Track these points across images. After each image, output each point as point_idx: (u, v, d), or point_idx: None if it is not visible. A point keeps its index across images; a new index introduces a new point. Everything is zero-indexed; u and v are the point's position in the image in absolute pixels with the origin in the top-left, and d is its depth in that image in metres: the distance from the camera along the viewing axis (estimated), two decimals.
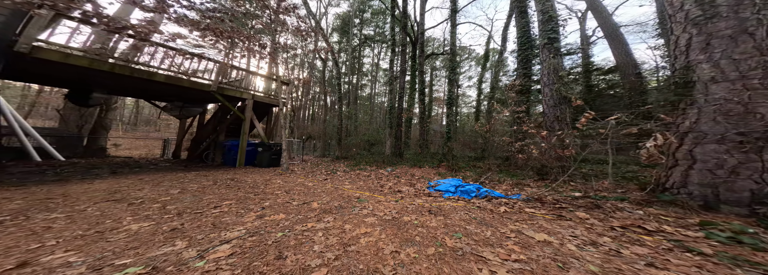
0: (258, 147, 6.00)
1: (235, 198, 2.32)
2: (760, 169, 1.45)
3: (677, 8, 1.85)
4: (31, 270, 0.99)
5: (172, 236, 1.35)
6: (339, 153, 8.81)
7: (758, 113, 1.48)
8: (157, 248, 1.19)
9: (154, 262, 1.05)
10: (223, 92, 5.38)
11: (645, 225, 1.45)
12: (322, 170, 5.13)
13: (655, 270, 1.01)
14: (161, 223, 1.56)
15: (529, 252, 1.16)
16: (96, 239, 1.31)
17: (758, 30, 1.53)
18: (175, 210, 1.87)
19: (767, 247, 1.16)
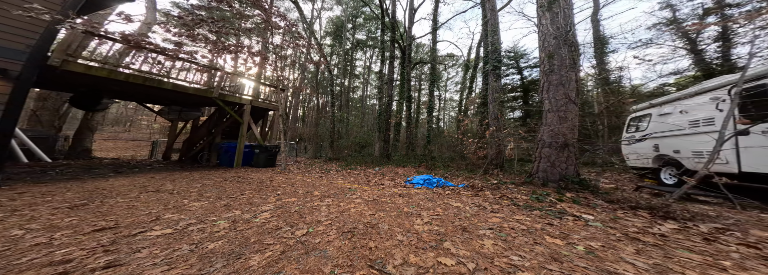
0: (255, 148, 6.49)
1: (251, 190, 2.97)
2: (564, 163, 2.61)
3: (542, 62, 2.95)
4: (163, 220, 1.66)
5: (226, 209, 2.05)
6: (331, 154, 9.35)
7: (561, 132, 2.61)
8: (224, 214, 1.89)
9: (229, 220, 1.76)
10: (224, 98, 5.87)
11: (509, 195, 2.49)
12: (317, 169, 5.79)
13: (492, 214, 1.95)
14: (213, 203, 2.23)
15: (445, 211, 2.05)
16: (180, 210, 1.96)
17: (568, 83, 2.65)
18: (213, 196, 2.52)
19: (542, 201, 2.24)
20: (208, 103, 6.78)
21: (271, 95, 7.38)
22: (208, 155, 7.10)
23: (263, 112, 7.66)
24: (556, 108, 2.63)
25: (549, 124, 2.67)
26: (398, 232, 1.54)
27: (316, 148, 12.33)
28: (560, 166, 2.60)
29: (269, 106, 7.16)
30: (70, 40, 3.48)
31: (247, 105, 6.32)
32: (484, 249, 1.28)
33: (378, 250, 1.27)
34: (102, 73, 3.79)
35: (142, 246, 1.28)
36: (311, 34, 10.32)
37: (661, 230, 1.61)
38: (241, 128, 6.23)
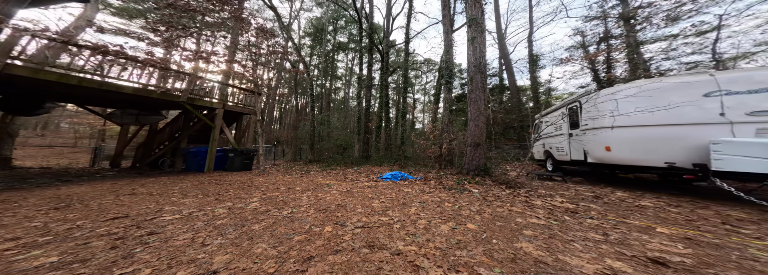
0: (228, 152, 6.46)
1: (235, 189, 3.32)
2: (478, 157, 3.80)
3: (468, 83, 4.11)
4: (167, 211, 2.04)
5: (218, 202, 2.47)
6: (311, 156, 9.46)
7: (476, 135, 3.81)
8: (218, 205, 2.33)
9: (225, 208, 2.23)
10: (193, 102, 5.76)
11: (444, 182, 3.52)
12: (297, 171, 6.11)
13: (426, 194, 2.86)
14: (202, 199, 2.60)
15: (397, 195, 2.86)
16: (175, 204, 2.31)
17: (480, 100, 3.85)
18: (199, 194, 2.84)
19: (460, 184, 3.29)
20: (174, 107, 6.47)
21: (247, 99, 7.35)
22: (172, 160, 6.72)
23: (237, 115, 7.54)
24: (473, 118, 3.76)
25: (469, 129, 3.77)
26: (359, 208, 2.26)
27: (296, 151, 12.17)
28: (476, 160, 3.72)
29: (245, 110, 7.13)
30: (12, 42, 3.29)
31: (219, 109, 6.27)
32: (409, 212, 2.10)
33: (342, 217, 1.97)
34: (52, 77, 3.61)
35: (164, 225, 1.72)
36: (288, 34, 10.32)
37: (502, 194, 2.71)
38: (213, 132, 6.16)
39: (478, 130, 3.78)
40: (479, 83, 3.92)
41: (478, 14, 4.38)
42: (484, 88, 3.94)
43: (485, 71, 4.17)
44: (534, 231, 1.59)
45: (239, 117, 7.83)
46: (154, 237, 1.48)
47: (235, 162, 6.38)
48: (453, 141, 4.80)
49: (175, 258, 1.21)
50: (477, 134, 3.82)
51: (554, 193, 2.81)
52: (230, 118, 7.59)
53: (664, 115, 2.43)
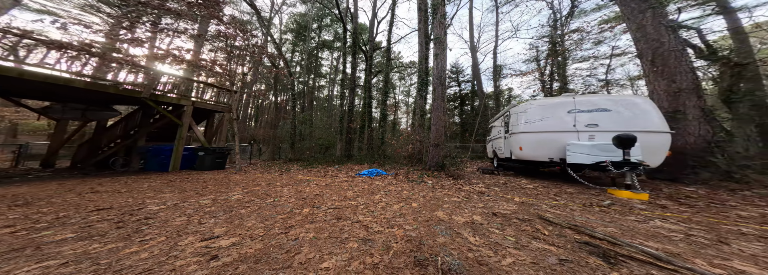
0: (198, 151, 6.20)
1: (211, 185, 3.46)
2: (438, 155, 4.70)
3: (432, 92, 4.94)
4: (150, 203, 2.21)
5: (199, 195, 2.67)
6: (292, 155, 9.34)
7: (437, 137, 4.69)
8: (200, 198, 2.55)
9: (209, 200, 2.48)
10: (157, 98, 5.43)
11: (410, 176, 4.23)
12: (276, 169, 6.19)
13: (392, 185, 3.50)
14: (181, 193, 2.76)
15: (368, 187, 3.43)
16: (155, 198, 2.45)
17: (440, 108, 4.73)
18: (176, 190, 2.96)
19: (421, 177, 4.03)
20: (130, 102, 5.95)
21: (220, 96, 7.06)
22: (126, 160, 6.14)
23: (209, 113, 7.18)
24: (435, 123, 4.56)
25: (432, 132, 4.55)
26: (334, 196, 2.74)
27: (274, 150, 11.74)
28: (436, 158, 4.52)
29: (217, 108, 6.85)
30: None
31: (188, 106, 5.98)
32: (374, 198, 2.66)
33: (318, 203, 2.43)
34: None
35: (155, 213, 1.96)
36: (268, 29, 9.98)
37: (447, 184, 3.50)
38: (180, 130, 5.87)
39: (439, 133, 4.58)
40: (440, 94, 4.74)
41: (441, 34, 5.22)
42: (444, 98, 4.78)
43: (445, 83, 5.02)
44: (449, 205, 2.31)
45: (211, 114, 7.46)
46: (152, 220, 1.75)
47: (205, 161, 6.16)
48: (422, 142, 5.58)
49: (179, 231, 1.55)
50: (437, 136, 4.63)
51: (480, 182, 3.71)
52: (200, 115, 7.21)
53: (547, 124, 3.51)
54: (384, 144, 9.62)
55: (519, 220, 1.82)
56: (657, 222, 1.87)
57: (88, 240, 1.35)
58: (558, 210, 2.14)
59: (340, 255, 1.21)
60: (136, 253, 1.22)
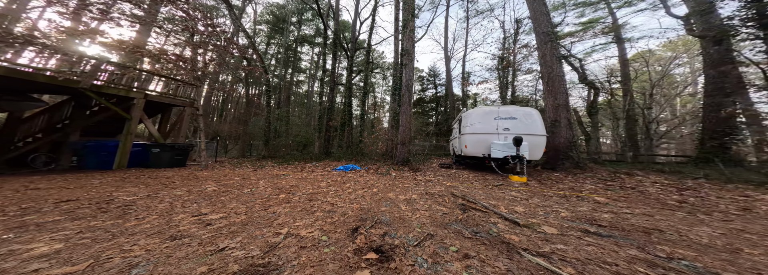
0: (151, 147, 5.68)
1: (179, 180, 3.47)
2: (404, 152, 5.60)
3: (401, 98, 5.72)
4: (121, 194, 2.29)
5: (170, 188, 2.78)
6: (266, 153, 8.99)
7: (403, 136, 5.56)
8: (174, 190, 2.68)
9: (183, 191, 2.64)
10: (100, 90, 4.83)
11: (379, 170, 4.94)
12: (248, 166, 6.09)
13: (362, 177, 4.11)
14: (150, 187, 2.80)
15: (341, 179, 3.96)
16: (121, 190, 2.49)
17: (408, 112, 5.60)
18: (140, 185, 2.95)
19: (389, 171, 4.79)
20: (60, 92, 5.10)
21: (181, 89, 6.48)
22: (50, 156, 5.25)
23: (165, 107, 6.51)
24: (403, 124, 5.34)
25: (399, 132, 5.31)
26: (309, 186, 3.18)
27: (244, 147, 10.94)
28: (402, 154, 5.30)
29: (176, 102, 6.29)
30: None
31: (139, 99, 5.43)
32: (344, 187, 3.20)
33: (293, 190, 2.85)
34: None
35: (132, 202, 2.12)
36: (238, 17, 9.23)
37: (407, 175, 4.31)
38: (129, 125, 5.32)
39: (405, 133, 5.37)
40: (407, 99, 5.53)
41: (410, 47, 6.00)
42: (410, 102, 5.61)
43: (411, 90, 5.85)
44: (401, 189, 3.05)
45: (167, 108, 6.78)
46: (133, 207, 1.95)
47: (160, 157, 5.72)
48: (393, 141, 6.32)
49: (167, 212, 1.83)
50: (404, 136, 5.41)
51: (433, 174, 4.63)
52: (155, 108, 6.51)
53: (482, 128, 4.63)
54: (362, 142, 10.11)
55: (439, 196, 2.63)
56: (512, 192, 2.92)
57: (83, 220, 1.55)
58: (466, 190, 3.06)
59: (309, 219, 1.74)
60: (138, 225, 1.52)
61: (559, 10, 14.04)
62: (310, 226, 1.58)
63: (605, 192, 2.98)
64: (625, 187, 3.15)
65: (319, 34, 17.78)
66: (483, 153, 4.53)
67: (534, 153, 4.24)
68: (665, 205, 2.38)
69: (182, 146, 6.04)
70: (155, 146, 5.66)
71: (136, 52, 5.01)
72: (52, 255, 1.07)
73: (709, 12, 5.18)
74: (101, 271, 0.95)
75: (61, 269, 0.96)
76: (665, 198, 2.64)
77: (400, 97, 5.73)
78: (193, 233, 1.41)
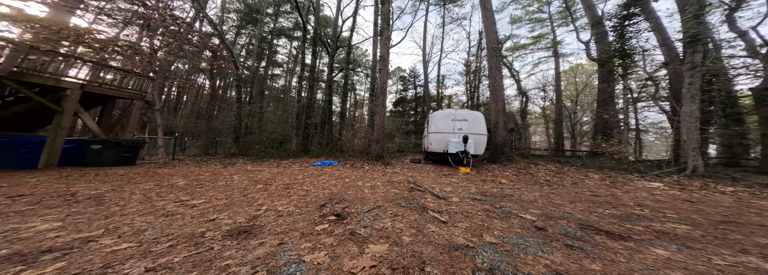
0: (89, 143, 5.02)
1: (140, 177, 3.36)
2: (378, 149, 6.29)
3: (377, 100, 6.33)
4: (80, 189, 2.26)
5: (134, 184, 2.78)
6: (236, 150, 8.50)
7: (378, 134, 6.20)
8: (139, 185, 2.71)
9: (153, 185, 2.70)
10: (21, 78, 4.09)
11: (355, 164, 5.48)
12: (216, 163, 5.84)
13: (338, 171, 4.57)
14: (109, 184, 2.74)
15: (318, 172, 4.35)
16: (83, 187, 2.42)
17: (382, 113, 6.20)
18: (93, 182, 2.83)
19: (364, 165, 5.40)
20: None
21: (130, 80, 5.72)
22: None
23: (107, 99, 5.68)
24: (378, 123, 5.94)
25: (374, 131, 5.89)
26: (285, 178, 3.49)
27: (208, 144, 9.92)
28: (376, 151, 5.92)
29: (121, 94, 5.56)
30: None
31: (73, 89, 4.72)
32: (320, 179, 3.61)
33: (270, 182, 3.15)
34: None
35: (100, 195, 2.17)
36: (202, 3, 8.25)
37: (377, 168, 4.96)
38: (59, 118, 4.64)
39: (380, 131, 5.98)
40: (381, 101, 6.12)
41: (385, 53, 6.56)
42: (384, 104, 6.25)
43: (386, 93, 6.47)
44: (369, 179, 3.63)
45: (110, 101, 5.94)
46: (106, 198, 2.05)
47: (102, 155, 5.13)
48: (368, 138, 6.85)
49: (147, 200, 2.02)
50: (379, 134, 6.01)
51: (401, 167, 5.37)
52: (94, 100, 5.65)
53: (442, 127, 5.58)
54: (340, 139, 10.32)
55: (398, 183, 3.30)
56: (453, 179, 3.81)
57: (60, 208, 1.67)
58: (421, 178, 3.83)
59: (285, 200, 2.17)
60: (123, 209, 1.73)
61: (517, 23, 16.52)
62: (286, 204, 2.02)
63: (512, 176, 4.11)
64: (527, 173, 4.37)
65: (299, 28, 16.81)
66: (443, 149, 5.45)
67: (478, 149, 5.35)
68: (536, 183, 3.52)
69: (131, 143, 5.48)
70: (95, 142, 5.03)
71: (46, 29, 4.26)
72: (58, 229, 1.30)
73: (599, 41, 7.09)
74: (117, 234, 1.26)
75: (78, 235, 1.23)
76: (541, 179, 3.85)
77: (376, 98, 6.29)
78: (182, 212, 1.72)
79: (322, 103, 11.06)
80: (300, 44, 17.14)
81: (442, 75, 18.36)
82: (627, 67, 6.10)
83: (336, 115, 11.63)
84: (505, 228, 1.50)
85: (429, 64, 17.70)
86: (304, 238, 1.26)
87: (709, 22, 4.62)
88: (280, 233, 1.34)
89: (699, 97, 4.13)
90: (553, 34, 14.44)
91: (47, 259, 0.96)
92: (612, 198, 2.63)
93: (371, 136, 6.76)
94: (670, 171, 3.94)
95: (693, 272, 1.01)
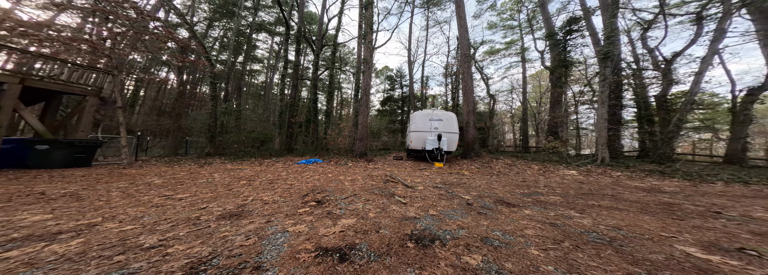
0: (34, 144, 4.50)
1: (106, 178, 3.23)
2: (362, 147, 6.69)
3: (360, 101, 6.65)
4: (50, 189, 2.20)
5: (105, 183, 2.73)
6: (211, 150, 8.07)
7: (362, 133, 6.56)
8: (114, 183, 2.67)
9: (127, 183, 2.69)
10: None
11: (340, 161, 5.76)
12: (190, 163, 5.59)
13: (322, 168, 4.83)
14: (74, 184, 2.65)
15: (301, 169, 4.53)
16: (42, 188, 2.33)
17: (366, 113, 6.63)
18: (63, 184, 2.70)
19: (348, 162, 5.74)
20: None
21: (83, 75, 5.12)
22: None
23: (55, 95, 5.03)
24: (361, 123, 6.28)
25: (359, 130, 6.21)
26: (269, 175, 3.65)
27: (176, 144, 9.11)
28: (360, 149, 6.26)
29: (71, 90, 4.98)
30: None
31: (10, 84, 4.17)
32: (304, 175, 3.83)
33: (254, 178, 3.30)
34: None
35: (73, 193, 2.17)
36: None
37: (360, 165, 5.34)
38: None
39: (363, 130, 6.33)
40: (365, 101, 6.45)
41: (368, 56, 6.85)
42: (368, 104, 6.60)
43: (369, 94, 6.81)
44: (350, 173, 3.99)
45: (57, 97, 5.28)
46: (82, 195, 2.08)
47: (50, 156, 4.66)
48: (353, 137, 7.14)
49: (128, 196, 2.10)
50: (362, 133, 6.36)
51: (383, 163, 5.80)
52: (38, 96, 4.98)
53: (421, 126, 6.13)
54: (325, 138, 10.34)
55: (376, 177, 3.70)
56: (425, 173, 4.37)
57: (38, 204, 1.71)
58: (397, 172, 4.29)
59: (270, 192, 2.42)
60: (108, 203, 1.83)
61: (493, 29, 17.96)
62: (271, 195, 2.27)
63: (475, 169, 4.82)
64: (488, 166, 5.14)
65: (282, 23, 15.93)
66: (422, 146, 6.02)
67: (451, 146, 6.03)
68: (490, 174, 4.24)
69: (86, 143, 5.02)
70: (41, 142, 4.53)
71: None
72: (53, 219, 1.42)
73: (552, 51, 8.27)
74: (117, 220, 1.44)
75: (77, 222, 1.38)
76: (495, 171, 4.61)
77: (359, 99, 6.59)
78: (171, 204, 1.88)
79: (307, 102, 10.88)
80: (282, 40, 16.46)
81: (426, 76, 19.23)
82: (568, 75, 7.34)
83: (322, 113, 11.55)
84: (446, 205, 1.98)
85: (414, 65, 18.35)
86: (288, 218, 1.58)
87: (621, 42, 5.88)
88: (267, 215, 1.63)
89: (607, 103, 5.29)
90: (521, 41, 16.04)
91: (64, 238, 1.15)
92: (533, 182, 3.38)
93: (356, 135, 7.07)
94: (587, 161, 5.03)
95: (533, 219, 1.59)
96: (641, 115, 7.63)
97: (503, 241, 1.21)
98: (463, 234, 1.30)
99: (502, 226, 1.45)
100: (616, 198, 2.38)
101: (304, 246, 1.12)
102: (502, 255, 1.06)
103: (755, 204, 2.30)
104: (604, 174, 3.95)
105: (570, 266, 0.97)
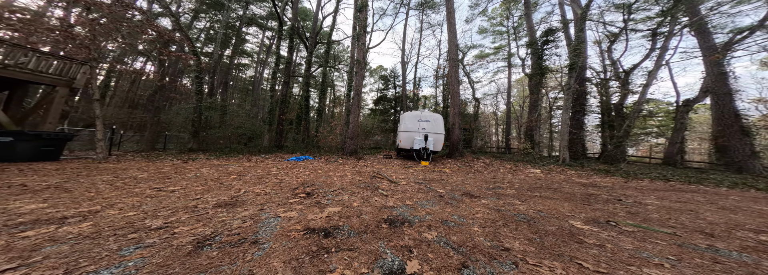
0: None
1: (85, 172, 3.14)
2: (352, 145, 6.93)
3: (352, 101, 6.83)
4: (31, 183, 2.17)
5: (87, 176, 2.70)
6: (195, 145, 7.76)
7: (352, 131, 6.75)
8: (94, 179, 2.66)
9: (111, 178, 2.69)
10: None
11: (329, 159, 5.95)
12: (172, 158, 5.42)
13: (312, 165, 4.97)
14: (51, 178, 2.60)
15: (292, 166, 4.67)
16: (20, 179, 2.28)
17: (357, 112, 6.93)
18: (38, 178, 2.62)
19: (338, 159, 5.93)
20: None
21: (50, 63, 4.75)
22: None
23: (20, 84, 4.63)
24: (352, 122, 6.48)
25: (350, 129, 6.39)
26: (259, 170, 3.73)
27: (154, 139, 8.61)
28: (351, 147, 6.47)
29: (39, 79, 4.63)
30: None
31: None
32: (294, 171, 3.96)
33: (244, 173, 3.39)
34: None
35: (58, 185, 2.17)
36: None
37: (350, 162, 5.55)
38: None
39: (354, 129, 6.52)
40: (356, 101, 6.62)
41: (361, 57, 7.00)
42: (359, 104, 6.78)
43: (361, 94, 6.98)
44: (339, 170, 4.18)
45: (23, 86, 4.88)
46: (69, 188, 2.10)
47: (15, 149, 4.36)
48: (344, 135, 7.29)
49: (116, 189, 2.15)
50: (353, 132, 6.55)
51: (372, 161, 6.04)
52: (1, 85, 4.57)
53: (409, 127, 6.45)
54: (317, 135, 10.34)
55: (364, 173, 3.94)
56: (411, 170, 4.69)
57: (27, 195, 1.74)
58: (385, 169, 4.56)
59: (261, 186, 2.57)
60: (99, 194, 1.89)
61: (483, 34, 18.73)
62: (262, 188, 2.43)
63: (456, 167, 5.24)
64: (468, 165, 5.58)
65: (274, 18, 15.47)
66: (410, 146, 6.34)
67: (437, 146, 6.42)
68: (469, 172, 4.67)
69: (55, 136, 4.73)
70: (5, 134, 4.23)
71: None
72: (50, 208, 1.50)
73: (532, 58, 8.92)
74: (117, 208, 1.55)
75: (78, 210, 1.48)
76: (473, 169, 5.06)
77: (351, 99, 6.75)
78: (164, 195, 1.99)
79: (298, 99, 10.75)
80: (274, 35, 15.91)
81: (419, 77, 19.65)
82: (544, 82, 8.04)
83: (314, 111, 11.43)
84: (422, 197, 2.28)
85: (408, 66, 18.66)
86: (280, 206, 1.77)
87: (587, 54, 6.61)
88: (260, 204, 1.81)
89: (570, 110, 6.00)
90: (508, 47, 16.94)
91: (72, 221, 1.26)
92: (501, 179, 3.82)
93: (347, 133, 7.24)
94: (551, 162, 5.69)
95: (486, 207, 1.95)
96: (604, 121, 8.56)
97: (457, 223, 1.52)
98: (428, 218, 1.58)
99: (461, 212, 1.77)
100: (556, 191, 2.83)
101: (295, 227, 1.34)
102: (452, 231, 1.35)
103: (655, 195, 2.86)
104: (561, 173, 4.54)
105: (495, 237, 1.29)
